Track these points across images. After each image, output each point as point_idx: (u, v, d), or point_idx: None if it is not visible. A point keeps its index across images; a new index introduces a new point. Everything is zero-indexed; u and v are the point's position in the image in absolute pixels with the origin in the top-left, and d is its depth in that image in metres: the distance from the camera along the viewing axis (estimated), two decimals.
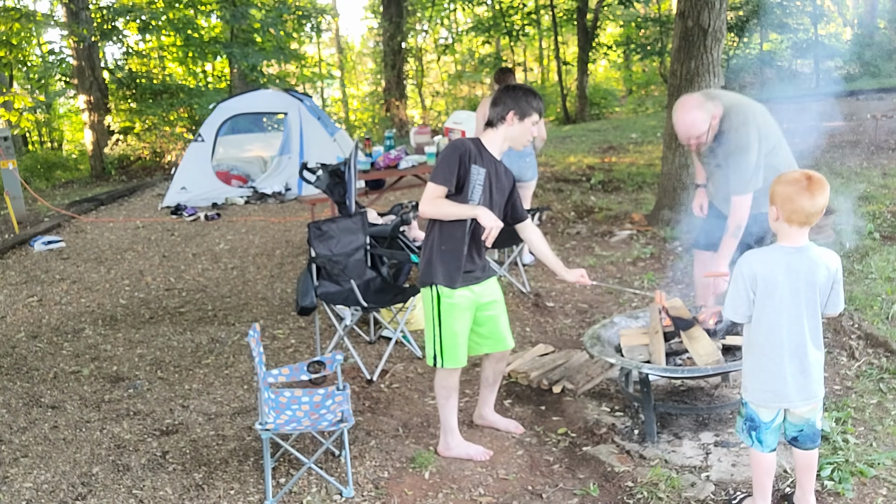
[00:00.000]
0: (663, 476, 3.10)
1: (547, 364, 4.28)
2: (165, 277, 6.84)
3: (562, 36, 23.38)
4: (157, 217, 9.69)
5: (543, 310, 5.32)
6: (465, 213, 3.17)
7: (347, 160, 5.04)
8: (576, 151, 12.55)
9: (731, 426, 3.51)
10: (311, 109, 10.76)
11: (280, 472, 3.38)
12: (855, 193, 7.52)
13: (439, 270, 3.24)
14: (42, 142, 21.87)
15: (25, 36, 15.53)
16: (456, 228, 3.23)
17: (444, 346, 3.27)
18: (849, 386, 3.86)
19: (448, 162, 3.16)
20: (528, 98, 3.25)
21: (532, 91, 3.31)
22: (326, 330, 5.10)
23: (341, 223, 4.75)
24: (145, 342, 5.20)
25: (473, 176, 3.17)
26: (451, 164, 3.15)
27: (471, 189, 3.18)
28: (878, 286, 5.08)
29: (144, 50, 17.37)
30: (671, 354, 3.54)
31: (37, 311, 6.08)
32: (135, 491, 3.31)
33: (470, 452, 3.42)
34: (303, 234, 7.79)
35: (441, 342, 3.27)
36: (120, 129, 15.34)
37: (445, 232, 3.25)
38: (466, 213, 3.17)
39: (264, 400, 3.16)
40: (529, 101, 3.24)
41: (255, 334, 3.24)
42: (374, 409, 3.96)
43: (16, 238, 8.54)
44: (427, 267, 3.28)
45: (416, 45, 25.56)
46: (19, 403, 4.31)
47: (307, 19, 18.80)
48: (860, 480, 3.03)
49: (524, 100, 3.24)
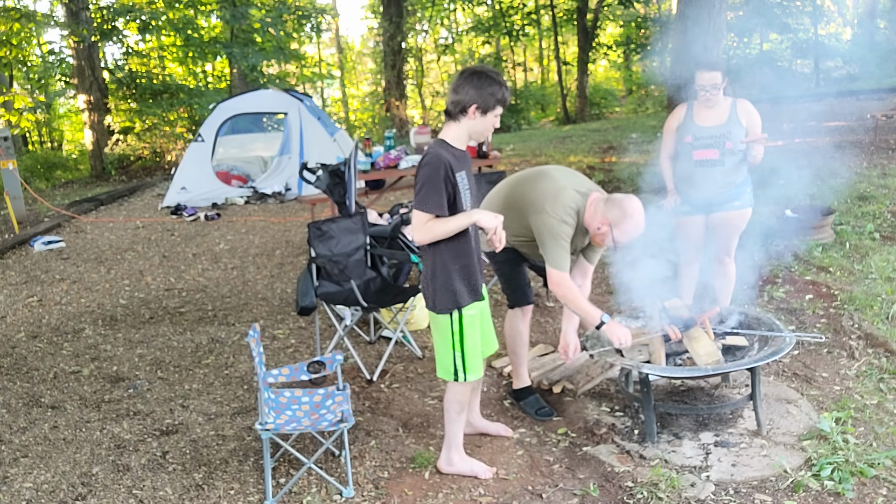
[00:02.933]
0: (663, 476, 3.10)
1: (547, 364, 4.28)
2: (165, 277, 6.84)
3: (562, 36, 23.41)
4: (157, 217, 9.69)
5: (543, 310, 5.32)
6: (462, 223, 2.94)
7: (347, 160, 5.04)
8: (576, 151, 12.55)
9: (731, 426, 3.51)
10: (311, 109, 10.76)
11: (280, 472, 3.38)
12: (855, 193, 7.52)
13: (462, 290, 3.05)
14: (42, 142, 21.86)
15: (25, 36, 15.53)
16: (462, 243, 3.02)
17: (466, 359, 3.11)
18: (849, 386, 3.86)
19: (434, 186, 2.88)
20: (492, 88, 2.93)
21: (495, 78, 2.95)
22: (326, 330, 5.10)
23: (341, 223, 4.75)
24: (145, 342, 5.20)
25: (460, 184, 2.95)
26: (438, 187, 2.88)
27: (463, 198, 2.98)
28: (878, 286, 5.08)
29: (144, 50, 17.37)
30: (671, 354, 3.55)
31: (37, 311, 6.08)
32: (135, 491, 3.31)
33: (475, 469, 3.29)
34: (303, 234, 7.79)
35: (464, 357, 3.11)
36: (120, 129, 15.35)
37: (453, 250, 3.02)
38: (464, 223, 2.95)
39: (264, 400, 3.16)
40: (493, 93, 2.93)
41: (255, 334, 3.24)
42: (374, 409, 3.96)
43: (16, 238, 8.54)
44: (445, 293, 3.04)
45: (416, 45, 25.57)
46: (19, 403, 4.31)
47: (307, 19, 18.82)
48: (860, 480, 3.03)
49: (487, 91, 2.92)
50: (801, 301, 4.99)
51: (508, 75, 25.26)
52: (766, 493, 3.00)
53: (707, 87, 4.09)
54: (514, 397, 3.93)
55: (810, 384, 3.90)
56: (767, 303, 5.04)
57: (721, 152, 4.12)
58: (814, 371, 4.04)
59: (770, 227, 6.38)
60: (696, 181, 4.20)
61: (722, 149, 4.12)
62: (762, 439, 3.37)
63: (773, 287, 5.26)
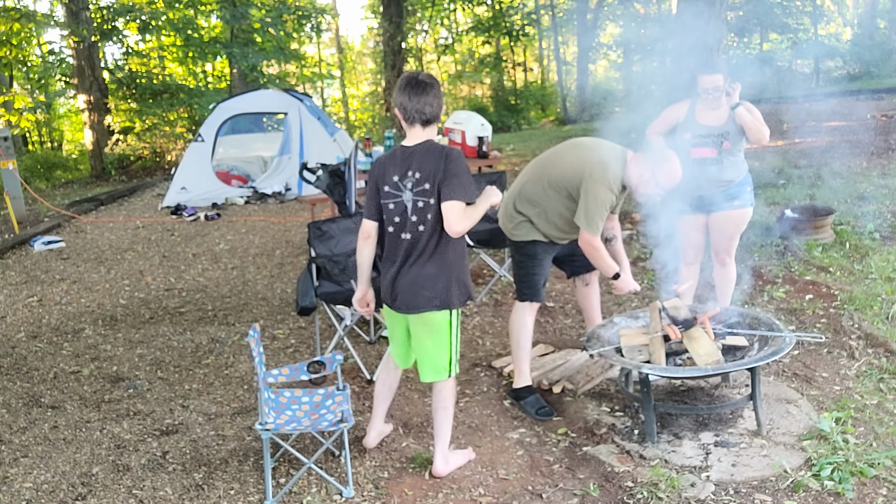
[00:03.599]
0: (663, 476, 3.10)
1: (547, 364, 4.28)
2: (165, 277, 6.84)
3: (562, 36, 23.39)
4: (157, 217, 9.69)
5: (543, 310, 5.31)
6: (484, 205, 3.05)
7: (347, 160, 5.05)
8: None
9: (731, 426, 3.51)
10: (311, 109, 10.76)
11: (280, 472, 3.38)
12: (855, 193, 7.52)
13: (467, 284, 3.14)
14: (42, 142, 21.84)
15: (25, 36, 15.53)
16: (461, 238, 3.11)
17: (457, 351, 3.19)
18: (849, 386, 3.86)
19: (468, 174, 3.01)
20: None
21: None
22: (326, 330, 5.10)
23: (341, 223, 4.75)
24: (145, 342, 5.20)
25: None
26: (469, 175, 3.02)
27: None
28: (878, 286, 5.08)
29: (144, 50, 17.36)
30: (671, 354, 3.55)
31: (37, 311, 6.08)
32: (135, 491, 3.31)
33: (464, 455, 3.37)
34: (303, 234, 7.79)
35: (457, 349, 3.18)
36: (120, 129, 15.34)
37: (459, 246, 3.10)
38: (485, 205, 3.05)
39: (264, 400, 3.16)
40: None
41: (255, 334, 3.24)
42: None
43: (16, 238, 8.54)
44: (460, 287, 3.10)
45: (416, 45, 25.55)
46: (19, 403, 4.31)
47: (307, 19, 18.81)
48: (860, 480, 3.03)
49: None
50: (801, 301, 4.99)
51: (508, 75, 25.25)
52: (766, 493, 3.00)
53: (709, 90, 4.11)
54: (513, 397, 3.93)
55: (810, 384, 3.90)
56: (767, 303, 5.04)
57: (718, 151, 4.14)
58: (814, 371, 4.04)
59: (770, 227, 6.39)
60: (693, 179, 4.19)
61: (719, 148, 4.13)
62: (762, 439, 3.37)
63: (773, 287, 5.26)
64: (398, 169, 3.06)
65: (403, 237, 3.06)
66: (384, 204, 3.10)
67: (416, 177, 3.01)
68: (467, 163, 3.07)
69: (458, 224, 2.95)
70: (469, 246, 5.62)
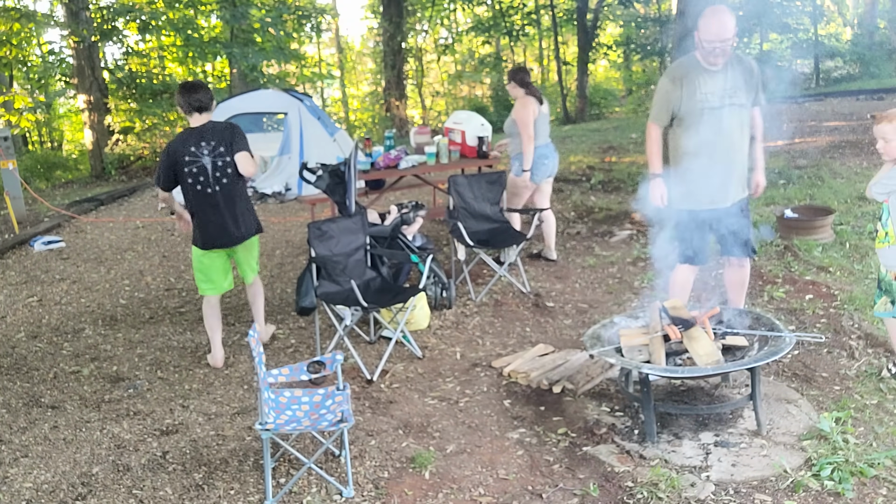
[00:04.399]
0: (663, 476, 3.10)
1: (547, 364, 4.28)
2: (165, 277, 6.84)
3: (562, 36, 23.40)
4: (157, 217, 9.69)
5: (543, 310, 5.32)
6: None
7: (347, 160, 5.04)
8: (576, 151, 12.54)
9: (731, 426, 3.51)
10: (311, 109, 10.76)
11: (280, 472, 3.38)
12: (855, 193, 7.52)
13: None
14: (42, 142, 21.85)
15: (25, 36, 15.53)
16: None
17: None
18: (849, 386, 3.86)
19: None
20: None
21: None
22: (326, 330, 5.10)
23: (341, 223, 4.75)
24: (145, 342, 5.20)
25: None
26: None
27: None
28: None
29: (144, 50, 17.36)
30: (671, 354, 3.54)
31: (37, 311, 6.08)
32: (135, 491, 3.31)
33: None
34: (303, 234, 7.79)
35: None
36: (120, 129, 15.34)
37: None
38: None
39: (264, 400, 3.16)
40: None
41: (255, 334, 3.24)
42: (374, 409, 3.96)
43: (16, 238, 8.54)
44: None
45: (415, 45, 25.55)
46: (19, 403, 4.31)
47: (307, 19, 18.80)
48: (860, 480, 3.03)
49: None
50: (801, 301, 4.99)
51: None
52: (766, 493, 3.00)
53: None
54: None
55: (810, 384, 3.90)
56: (767, 303, 5.04)
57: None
58: (814, 371, 4.04)
59: (770, 227, 6.39)
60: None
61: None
62: (762, 439, 3.37)
63: (773, 287, 5.26)
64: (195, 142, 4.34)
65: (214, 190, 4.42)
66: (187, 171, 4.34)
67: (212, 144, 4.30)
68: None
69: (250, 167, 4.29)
70: (469, 246, 5.62)
